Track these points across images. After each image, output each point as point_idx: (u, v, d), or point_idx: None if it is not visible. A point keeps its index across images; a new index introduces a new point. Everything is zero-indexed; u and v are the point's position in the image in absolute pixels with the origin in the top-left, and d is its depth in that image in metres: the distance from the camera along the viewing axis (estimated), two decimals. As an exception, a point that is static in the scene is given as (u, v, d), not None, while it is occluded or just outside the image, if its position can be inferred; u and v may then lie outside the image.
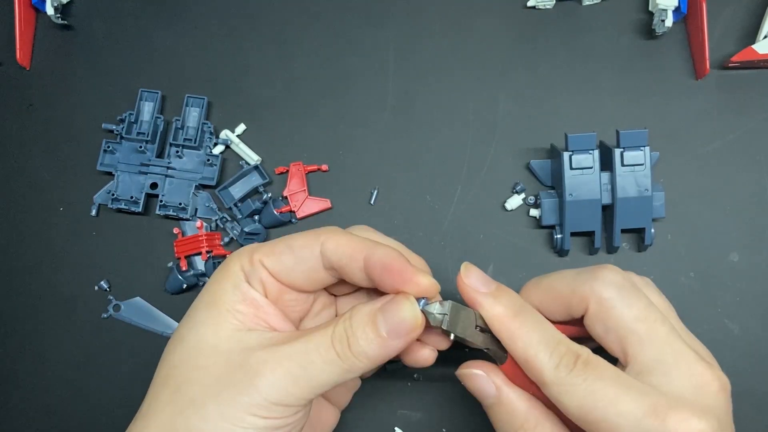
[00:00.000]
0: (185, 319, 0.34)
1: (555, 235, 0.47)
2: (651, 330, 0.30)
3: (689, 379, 0.29)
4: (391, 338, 0.32)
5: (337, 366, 0.31)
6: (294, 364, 0.30)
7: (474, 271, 0.34)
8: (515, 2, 0.52)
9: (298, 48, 0.53)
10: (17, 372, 0.49)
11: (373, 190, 0.49)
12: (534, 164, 0.49)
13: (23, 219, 0.51)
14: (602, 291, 0.31)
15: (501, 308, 0.33)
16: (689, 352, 0.30)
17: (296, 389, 0.30)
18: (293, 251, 0.34)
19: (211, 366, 0.31)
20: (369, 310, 0.32)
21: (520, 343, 0.32)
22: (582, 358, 0.30)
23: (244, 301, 0.33)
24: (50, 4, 0.52)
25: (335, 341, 0.31)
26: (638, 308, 0.31)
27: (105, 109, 0.52)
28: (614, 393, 0.29)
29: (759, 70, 0.50)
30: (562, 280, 0.34)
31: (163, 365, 0.33)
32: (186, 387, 0.31)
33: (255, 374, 0.30)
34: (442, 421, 0.46)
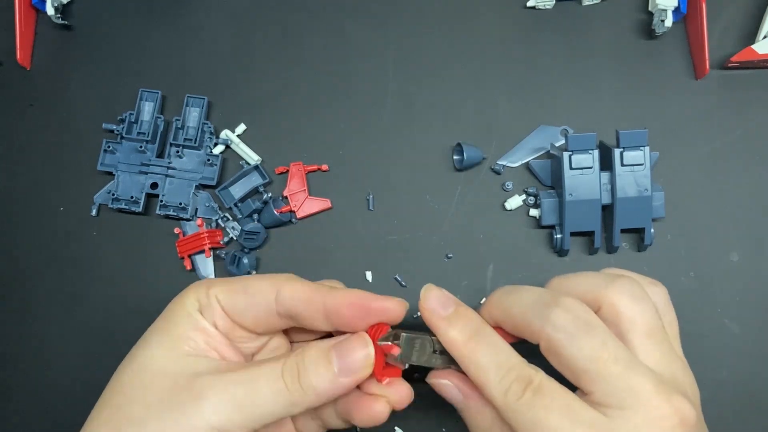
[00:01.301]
0: (139, 342, 0.34)
1: (555, 235, 0.47)
2: (603, 369, 0.29)
3: (643, 414, 0.29)
4: (342, 375, 0.32)
5: (284, 397, 0.31)
6: (240, 390, 0.31)
7: (434, 294, 0.35)
8: (515, 2, 0.53)
9: (299, 48, 0.53)
10: (17, 372, 0.48)
11: (369, 195, 0.49)
12: (534, 164, 0.49)
13: (23, 219, 0.51)
14: (551, 332, 0.31)
15: (455, 332, 0.33)
16: (648, 386, 0.29)
17: (239, 417, 0.30)
18: (247, 293, 0.34)
19: (156, 386, 0.31)
20: (323, 347, 0.33)
21: (472, 368, 0.32)
22: (533, 385, 0.30)
23: (196, 329, 0.33)
24: (50, 4, 0.52)
25: (285, 372, 0.31)
26: (590, 349, 0.30)
27: (105, 109, 0.52)
28: (560, 424, 0.29)
29: (759, 70, 0.50)
30: (519, 307, 0.33)
31: (109, 384, 0.33)
32: (127, 406, 0.31)
33: (199, 397, 0.30)
34: (442, 421, 0.46)
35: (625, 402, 0.29)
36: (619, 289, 0.32)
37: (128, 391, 0.32)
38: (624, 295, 0.32)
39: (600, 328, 0.31)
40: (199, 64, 0.53)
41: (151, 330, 0.34)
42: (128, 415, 0.31)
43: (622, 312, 0.32)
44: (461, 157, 0.48)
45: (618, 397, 0.29)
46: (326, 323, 0.34)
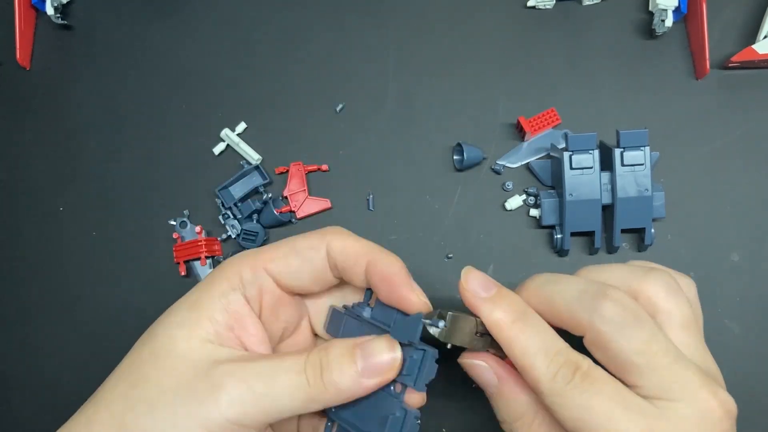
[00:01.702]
0: (165, 315, 0.33)
1: (555, 235, 0.47)
2: (651, 362, 0.29)
3: (692, 406, 0.28)
4: (365, 375, 0.31)
5: (304, 393, 0.30)
6: (259, 382, 0.30)
7: (474, 276, 0.34)
8: (515, 2, 0.52)
9: (299, 48, 0.53)
10: (17, 372, 0.48)
11: (369, 195, 0.49)
12: (534, 164, 0.49)
13: (23, 219, 0.51)
14: (600, 325, 0.30)
15: (500, 314, 0.32)
16: (695, 378, 0.29)
17: (255, 410, 0.30)
18: (299, 253, 0.33)
19: (173, 370, 0.30)
20: (348, 344, 0.32)
21: (518, 351, 0.31)
22: (582, 370, 0.29)
23: (226, 311, 0.32)
24: (50, 4, 0.52)
25: (308, 367, 0.31)
26: (638, 341, 0.29)
27: (105, 109, 0.52)
28: (611, 410, 0.28)
29: (759, 70, 0.50)
30: (563, 297, 0.32)
31: (129, 357, 0.33)
32: (144, 385, 0.30)
33: (217, 387, 0.29)
34: (442, 421, 0.46)
35: (674, 394, 0.28)
36: (655, 281, 0.32)
37: (146, 369, 0.31)
38: (660, 287, 0.32)
39: (649, 321, 0.30)
40: (199, 63, 0.53)
41: (179, 304, 0.33)
42: (143, 395, 0.30)
43: (658, 304, 0.31)
44: (461, 157, 0.48)
45: (667, 389, 0.29)
46: (363, 281, 0.34)
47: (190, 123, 0.52)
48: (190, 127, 0.52)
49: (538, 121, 0.49)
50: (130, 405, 0.30)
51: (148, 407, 0.30)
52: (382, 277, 0.33)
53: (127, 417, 0.30)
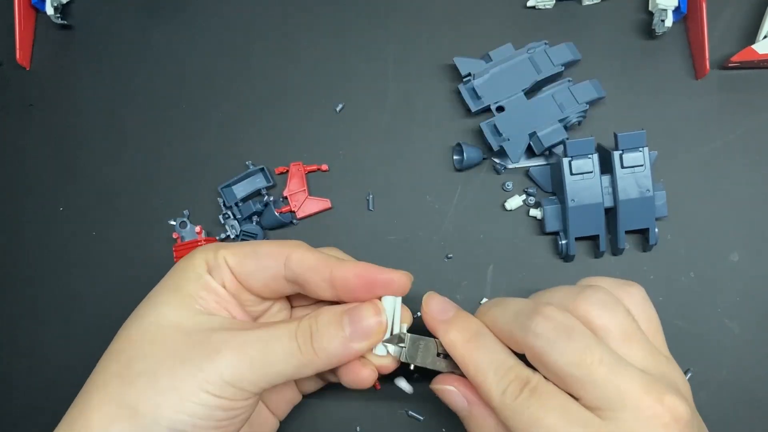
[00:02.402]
0: (145, 301, 0.34)
1: (560, 241, 0.47)
2: (589, 373, 0.29)
3: (636, 413, 0.29)
4: (353, 339, 0.33)
5: (296, 358, 0.32)
6: (254, 348, 0.31)
7: (435, 301, 0.36)
8: (515, 2, 0.52)
9: (299, 47, 0.53)
10: (17, 372, 0.48)
11: (369, 195, 0.49)
12: (534, 171, 0.49)
13: (23, 219, 0.51)
14: (533, 341, 0.31)
15: (454, 334, 0.34)
16: (636, 386, 0.29)
17: (252, 374, 0.31)
18: (257, 257, 0.35)
19: (168, 341, 0.31)
20: (336, 311, 0.34)
21: (471, 368, 0.33)
22: (530, 386, 0.30)
23: (205, 289, 0.34)
24: (50, 4, 0.52)
25: (299, 334, 0.32)
26: (572, 354, 0.30)
27: (105, 108, 0.52)
28: (555, 423, 0.29)
29: (759, 70, 0.50)
30: (502, 317, 0.33)
31: (116, 340, 0.33)
32: (139, 360, 0.31)
33: (214, 352, 0.31)
34: (442, 422, 0.46)
35: (615, 404, 0.29)
36: (586, 299, 0.32)
37: (139, 346, 0.32)
38: (592, 304, 0.32)
39: (582, 333, 0.31)
40: (199, 63, 0.53)
41: (158, 289, 0.35)
42: (140, 369, 0.31)
43: (593, 321, 0.32)
44: (461, 157, 0.48)
45: (607, 400, 0.29)
46: (331, 292, 0.35)
47: (190, 123, 0.52)
48: (191, 127, 0.52)
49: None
50: (127, 380, 0.31)
51: (148, 378, 0.31)
52: (356, 276, 0.34)
53: (126, 393, 0.31)
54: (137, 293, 0.49)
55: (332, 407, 0.46)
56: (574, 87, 0.48)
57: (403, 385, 0.39)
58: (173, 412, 0.30)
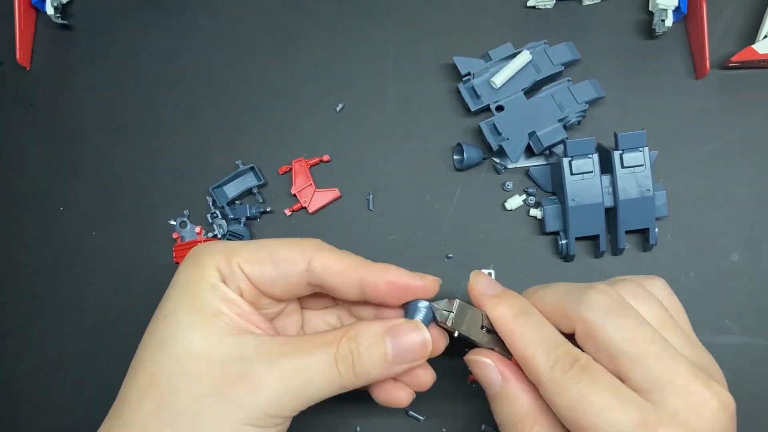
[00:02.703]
0: (162, 322, 0.32)
1: (560, 241, 0.47)
2: (641, 350, 0.29)
3: (685, 398, 0.28)
4: (396, 363, 0.32)
5: (336, 384, 0.31)
6: (295, 380, 0.31)
7: (482, 278, 0.35)
8: (515, 2, 0.52)
9: (299, 47, 0.53)
10: (17, 372, 0.48)
11: (369, 195, 0.49)
12: (534, 171, 0.49)
13: (23, 219, 0.51)
14: (587, 314, 0.30)
15: (504, 308, 0.33)
16: (685, 370, 0.29)
17: (293, 403, 0.31)
18: (277, 264, 0.33)
19: (203, 375, 0.30)
20: (377, 331, 0.32)
21: (520, 342, 0.32)
22: (580, 363, 0.30)
23: (225, 303, 0.32)
24: (50, 4, 0.52)
25: (339, 361, 0.31)
26: (626, 329, 0.30)
27: (105, 109, 0.52)
28: (606, 400, 0.28)
29: (759, 70, 0.50)
30: (552, 295, 0.33)
31: (141, 372, 0.31)
32: (174, 397, 0.30)
33: (255, 388, 0.30)
34: (442, 421, 0.46)
35: (665, 386, 0.28)
36: (621, 290, 0.32)
37: (172, 381, 0.30)
38: (626, 295, 0.32)
39: (634, 311, 0.30)
40: (199, 63, 0.53)
41: (174, 306, 0.32)
42: (177, 408, 0.30)
43: None
44: (461, 157, 0.48)
45: (657, 381, 0.29)
46: (358, 295, 0.34)
47: (190, 123, 0.52)
48: (191, 127, 0.52)
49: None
50: (167, 421, 0.30)
51: (188, 418, 0.30)
52: (387, 283, 0.33)
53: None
54: (137, 293, 0.49)
55: (332, 407, 0.46)
56: (573, 87, 0.48)
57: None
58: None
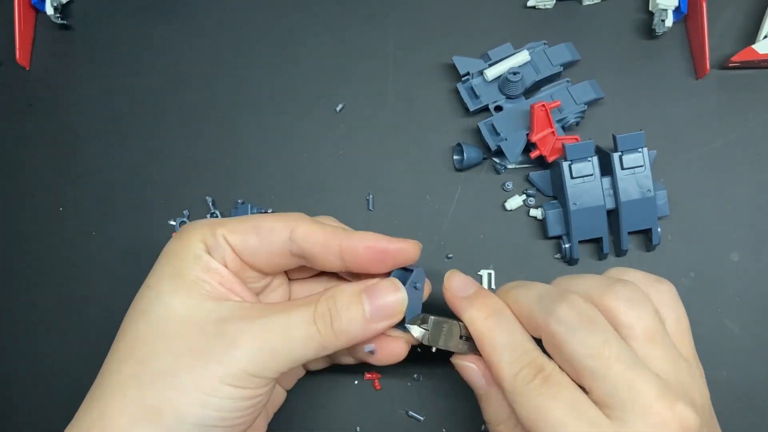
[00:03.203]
0: (144, 291, 0.33)
1: (563, 245, 0.46)
2: (604, 367, 0.29)
3: (645, 418, 0.28)
4: (374, 320, 0.32)
5: (316, 342, 0.31)
6: (273, 336, 0.31)
7: (456, 278, 0.35)
8: (515, 2, 0.52)
9: (299, 47, 0.53)
10: (17, 372, 0.48)
11: (369, 195, 0.49)
12: (534, 176, 0.49)
13: (23, 219, 0.51)
14: (554, 326, 0.30)
15: (474, 310, 0.33)
16: (650, 389, 0.29)
17: (273, 362, 0.31)
18: (260, 233, 0.34)
19: (182, 336, 0.30)
20: (354, 290, 0.33)
21: (487, 346, 0.32)
22: (543, 373, 0.30)
23: (207, 271, 0.32)
24: (50, 4, 0.52)
25: (317, 318, 0.32)
26: (591, 346, 0.29)
27: (105, 109, 0.52)
28: (562, 416, 0.29)
29: (759, 70, 0.50)
30: (525, 299, 0.33)
31: (123, 338, 0.32)
32: (154, 358, 0.30)
33: (233, 344, 0.30)
34: (442, 421, 0.46)
35: (626, 404, 0.28)
36: (615, 295, 0.32)
37: (151, 343, 0.31)
38: (620, 300, 0.31)
39: (604, 326, 0.30)
40: (199, 63, 0.53)
41: (158, 276, 0.33)
42: (156, 368, 0.30)
43: (618, 317, 0.31)
44: (461, 157, 0.48)
45: (618, 398, 0.29)
46: (340, 265, 0.34)
47: (190, 122, 0.52)
48: (191, 127, 0.52)
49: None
50: (146, 382, 0.30)
51: (167, 378, 0.30)
52: (366, 248, 0.33)
53: (146, 395, 0.30)
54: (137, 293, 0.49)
55: (332, 407, 0.46)
56: (572, 87, 0.48)
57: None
58: (198, 409, 0.29)
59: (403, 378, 0.46)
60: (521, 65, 0.48)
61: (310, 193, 0.50)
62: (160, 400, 0.29)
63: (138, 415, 0.29)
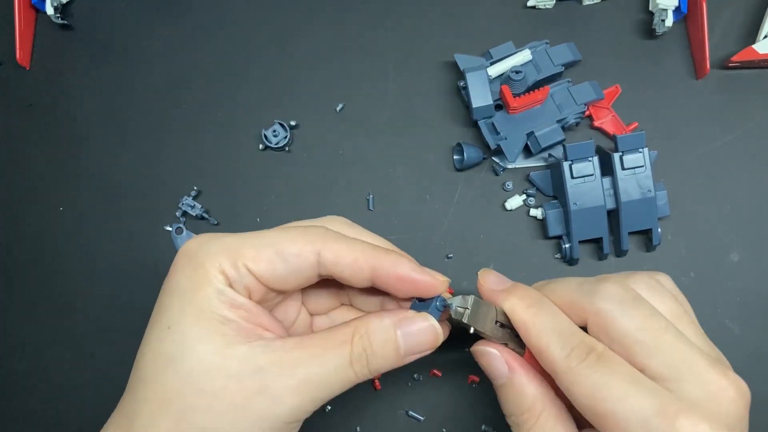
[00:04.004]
0: (167, 333, 0.31)
1: (563, 245, 0.46)
2: (656, 339, 0.29)
3: (703, 387, 0.28)
4: (407, 356, 0.32)
5: (351, 382, 0.32)
6: (313, 388, 0.30)
7: (491, 275, 0.35)
8: (515, 2, 0.52)
9: (298, 47, 0.53)
10: (17, 372, 0.48)
11: (369, 195, 0.49)
12: (534, 176, 0.49)
13: (23, 219, 0.51)
14: (601, 304, 0.30)
15: (516, 299, 0.33)
16: (701, 359, 0.29)
17: (312, 407, 0.31)
18: (285, 259, 0.32)
19: (220, 391, 0.29)
20: (388, 328, 0.32)
21: (534, 332, 0.32)
22: (596, 352, 0.30)
23: (232, 309, 0.31)
24: (50, 4, 0.52)
25: (354, 362, 0.31)
26: (640, 318, 0.30)
27: (105, 109, 0.52)
28: (625, 388, 0.28)
29: (759, 70, 0.50)
30: (565, 287, 0.33)
31: (149, 385, 0.30)
32: (193, 416, 0.29)
33: (276, 402, 0.30)
34: (442, 421, 0.46)
35: (683, 374, 0.28)
36: (636, 284, 0.32)
37: (188, 399, 0.29)
38: (642, 288, 0.32)
39: (646, 302, 0.31)
40: (199, 63, 0.53)
41: (178, 316, 0.31)
42: (197, 426, 0.29)
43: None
44: (461, 157, 0.48)
45: (674, 368, 0.28)
46: (368, 284, 0.34)
47: (190, 123, 0.52)
48: (191, 127, 0.52)
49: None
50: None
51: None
52: (396, 278, 0.33)
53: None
54: (137, 293, 0.49)
55: (332, 407, 0.46)
56: (573, 88, 0.48)
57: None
58: None
59: (403, 378, 0.46)
60: (523, 64, 0.48)
61: (310, 193, 0.50)
62: None
63: None
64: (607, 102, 0.49)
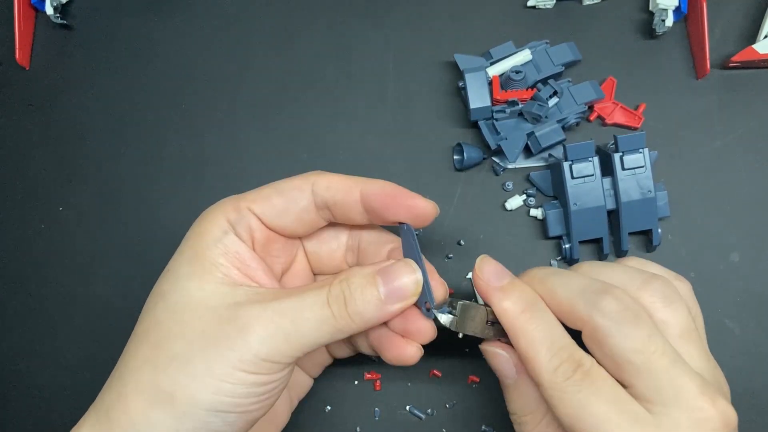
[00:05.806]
0: (165, 275, 0.33)
1: (563, 245, 0.46)
2: (648, 362, 0.29)
3: (687, 413, 0.28)
4: (389, 302, 0.32)
5: (330, 325, 0.31)
6: (286, 320, 0.30)
7: (489, 265, 0.34)
8: (515, 2, 0.52)
9: (298, 47, 0.53)
10: (17, 372, 0.48)
11: None
12: (534, 176, 0.48)
13: (23, 219, 0.51)
14: (598, 319, 0.30)
15: (509, 303, 0.32)
16: (692, 385, 0.28)
17: (286, 346, 0.30)
18: (282, 193, 0.34)
19: (196, 321, 0.30)
20: (368, 272, 0.32)
21: (523, 341, 0.31)
22: (583, 368, 0.30)
23: (226, 255, 0.32)
24: (50, 4, 0.52)
25: (331, 300, 0.31)
26: (637, 340, 0.29)
27: (104, 109, 0.52)
28: (606, 412, 0.28)
29: (759, 70, 0.50)
30: (565, 290, 0.32)
31: (143, 321, 0.32)
32: (168, 342, 0.30)
33: (246, 329, 0.30)
34: (442, 421, 0.46)
35: (669, 399, 0.28)
36: (653, 291, 0.32)
37: (166, 327, 0.31)
38: (657, 297, 0.31)
39: (648, 322, 0.30)
40: (199, 63, 0.53)
41: (178, 260, 0.33)
42: (170, 353, 0.30)
43: (655, 314, 0.31)
44: (461, 157, 0.48)
45: (662, 394, 0.28)
46: (362, 214, 0.34)
47: (190, 122, 0.52)
48: (191, 127, 0.52)
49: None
50: (160, 366, 0.30)
51: (180, 363, 0.30)
52: (382, 196, 0.33)
53: (160, 379, 0.30)
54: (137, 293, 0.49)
55: (333, 407, 0.46)
56: (573, 88, 0.48)
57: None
58: (211, 395, 0.29)
59: (403, 378, 0.46)
60: (523, 64, 0.48)
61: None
62: (173, 385, 0.29)
63: (152, 398, 0.29)
64: (609, 96, 0.49)
